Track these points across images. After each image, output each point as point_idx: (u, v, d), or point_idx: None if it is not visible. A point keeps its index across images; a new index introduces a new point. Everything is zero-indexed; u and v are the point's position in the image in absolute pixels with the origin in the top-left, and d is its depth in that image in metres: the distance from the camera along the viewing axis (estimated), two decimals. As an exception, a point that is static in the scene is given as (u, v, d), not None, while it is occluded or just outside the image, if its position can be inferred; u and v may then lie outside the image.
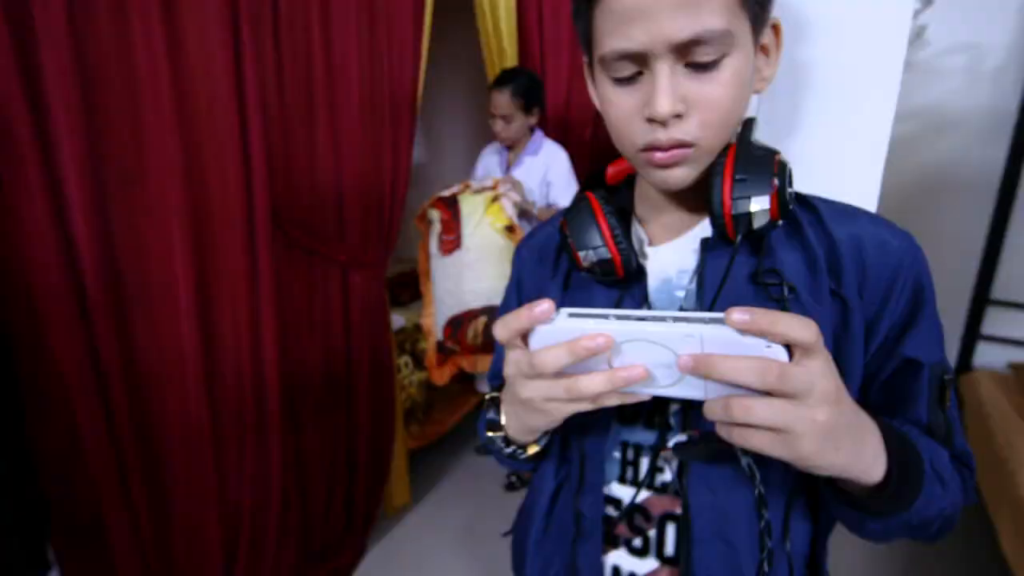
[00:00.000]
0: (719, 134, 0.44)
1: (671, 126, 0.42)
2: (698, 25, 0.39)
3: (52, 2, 0.90)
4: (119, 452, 1.13)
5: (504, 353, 0.56)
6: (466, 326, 1.76)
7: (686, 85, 0.42)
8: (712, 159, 0.45)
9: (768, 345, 0.33)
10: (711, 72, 0.41)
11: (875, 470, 0.38)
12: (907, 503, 0.39)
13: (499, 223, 1.63)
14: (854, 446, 0.37)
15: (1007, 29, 1.86)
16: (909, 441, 0.41)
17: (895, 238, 0.46)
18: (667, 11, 0.39)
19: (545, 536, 0.54)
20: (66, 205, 0.98)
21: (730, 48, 0.41)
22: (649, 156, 0.45)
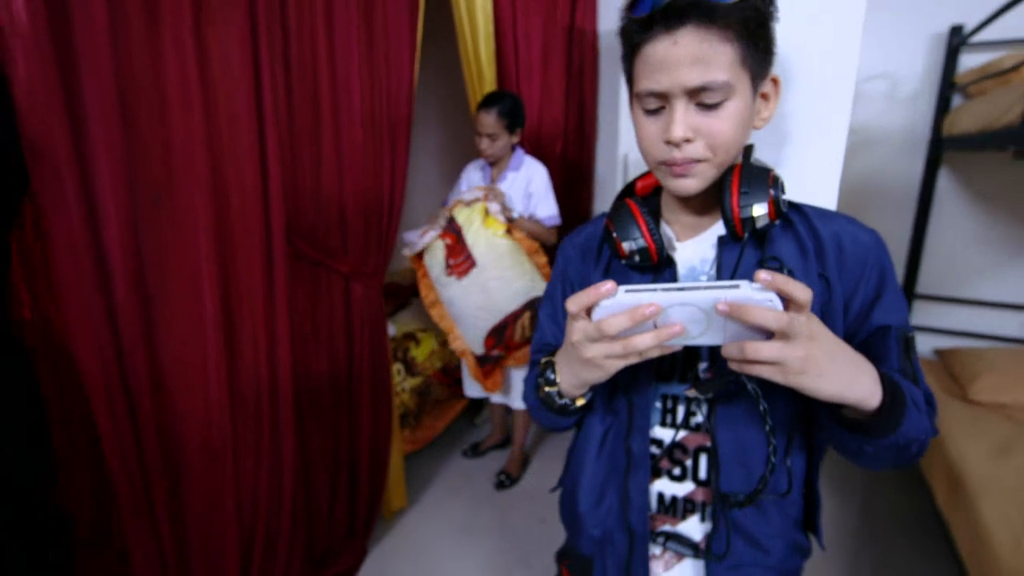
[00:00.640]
0: (720, 156, 0.57)
1: (683, 148, 0.56)
2: (706, 77, 0.53)
3: (95, 28, 0.97)
4: (142, 460, 1.17)
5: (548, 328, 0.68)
6: (511, 328, 1.87)
7: (695, 118, 0.55)
8: (717, 175, 0.59)
9: (771, 300, 0.46)
10: (715, 110, 0.55)
11: (873, 398, 0.51)
12: (896, 425, 0.52)
13: (499, 230, 1.76)
14: (846, 377, 0.50)
15: (919, 61, 2.16)
16: (894, 379, 0.54)
17: (865, 234, 0.61)
18: (685, 65, 0.53)
19: (597, 465, 0.66)
20: (100, 219, 1.04)
21: (731, 94, 0.55)
22: (668, 169, 0.58)
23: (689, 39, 0.52)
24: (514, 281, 1.83)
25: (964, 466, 1.48)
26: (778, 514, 0.61)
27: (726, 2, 0.51)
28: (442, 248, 1.83)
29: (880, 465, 0.57)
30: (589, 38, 2.65)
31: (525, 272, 1.83)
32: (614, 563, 0.66)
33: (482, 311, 1.86)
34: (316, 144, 1.42)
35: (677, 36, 0.53)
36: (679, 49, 0.53)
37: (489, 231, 1.78)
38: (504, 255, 1.81)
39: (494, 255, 1.81)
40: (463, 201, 1.82)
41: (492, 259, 1.81)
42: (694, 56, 0.52)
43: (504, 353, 1.93)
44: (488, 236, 1.79)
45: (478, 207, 1.80)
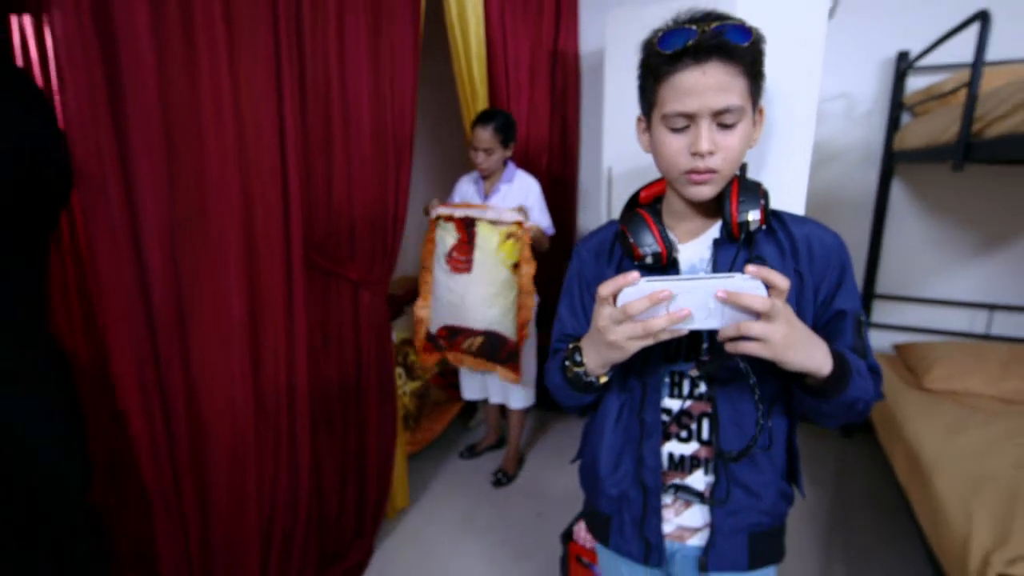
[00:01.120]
0: (731, 167, 0.70)
1: (707, 159, 0.68)
2: (728, 102, 0.65)
3: (142, 61, 1.06)
4: (174, 463, 1.24)
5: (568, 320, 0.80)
6: (463, 338, 1.99)
7: (716, 136, 0.68)
8: (723, 186, 0.72)
9: (758, 288, 0.59)
10: (731, 129, 0.68)
11: (825, 367, 0.64)
12: (844, 388, 0.65)
13: (511, 260, 1.88)
14: (808, 352, 0.62)
15: (872, 83, 2.38)
16: (843, 353, 0.68)
17: (830, 237, 0.75)
18: (711, 92, 0.65)
19: (614, 435, 0.78)
20: (142, 236, 1.12)
21: (742, 117, 0.68)
22: (689, 177, 0.70)
23: (715, 71, 0.65)
24: (491, 308, 1.95)
25: (920, 445, 1.65)
26: (767, 467, 0.74)
27: (743, 44, 0.65)
28: (454, 238, 1.94)
29: (836, 422, 0.71)
30: (571, 60, 2.81)
31: (502, 306, 1.95)
32: (630, 517, 0.77)
33: (450, 307, 2.00)
34: (328, 160, 1.52)
35: (705, 68, 0.65)
36: (707, 78, 0.65)
37: (500, 255, 1.89)
38: (501, 285, 1.93)
39: (489, 277, 1.93)
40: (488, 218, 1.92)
41: (487, 279, 1.93)
42: (719, 84, 0.65)
43: (447, 347, 2.06)
44: (496, 260, 1.90)
45: (502, 229, 1.90)
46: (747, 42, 0.63)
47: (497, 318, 1.96)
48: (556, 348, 0.84)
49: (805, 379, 0.66)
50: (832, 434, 2.64)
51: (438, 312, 2.04)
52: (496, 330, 1.95)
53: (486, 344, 1.96)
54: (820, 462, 2.38)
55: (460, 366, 2.13)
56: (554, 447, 2.54)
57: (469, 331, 1.97)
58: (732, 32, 0.64)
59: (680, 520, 0.77)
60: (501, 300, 1.95)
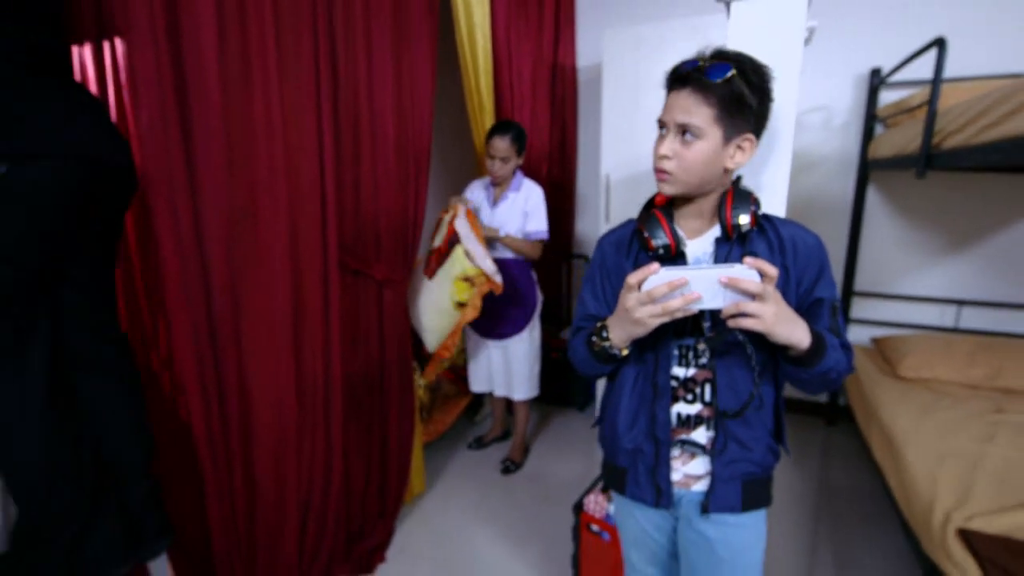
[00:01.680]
0: (685, 175, 0.84)
1: (662, 162, 0.84)
2: (688, 120, 0.81)
3: (208, 86, 1.20)
4: (227, 445, 1.37)
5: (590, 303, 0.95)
6: None
7: (676, 145, 0.84)
8: (682, 190, 0.86)
9: (754, 275, 0.74)
10: (690, 144, 0.83)
11: (805, 341, 0.79)
12: (820, 358, 0.80)
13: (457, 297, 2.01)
14: (792, 327, 0.78)
15: (848, 97, 2.57)
16: (819, 331, 0.83)
17: (811, 237, 0.90)
18: (679, 110, 0.82)
19: (631, 399, 0.93)
20: (204, 239, 1.26)
21: (701, 137, 0.83)
22: (655, 173, 0.87)
23: (687, 96, 0.82)
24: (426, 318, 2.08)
25: (894, 426, 1.82)
26: (758, 425, 0.89)
27: (714, 81, 0.80)
28: (439, 241, 2.07)
29: (814, 388, 0.86)
30: (569, 73, 2.98)
31: (436, 324, 2.07)
32: (644, 467, 0.92)
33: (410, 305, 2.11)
34: (356, 170, 1.66)
35: (682, 92, 0.82)
36: (679, 100, 0.82)
37: (452, 289, 2.02)
38: (440, 306, 2.05)
39: (436, 298, 2.05)
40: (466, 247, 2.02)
41: (434, 297, 2.06)
42: (686, 106, 0.82)
43: None
44: (446, 290, 2.03)
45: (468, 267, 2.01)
46: (717, 79, 0.79)
47: (426, 327, 2.09)
48: (579, 326, 0.99)
49: (789, 351, 0.82)
50: (818, 423, 2.82)
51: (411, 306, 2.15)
52: (423, 335, 2.10)
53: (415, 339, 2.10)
54: (807, 449, 2.56)
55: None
56: (556, 438, 2.68)
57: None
58: (710, 70, 0.80)
59: (686, 469, 0.92)
60: (436, 319, 2.07)
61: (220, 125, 1.23)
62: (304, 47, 1.40)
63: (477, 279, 2.02)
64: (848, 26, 2.48)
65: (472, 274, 2.02)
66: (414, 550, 1.90)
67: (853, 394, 2.37)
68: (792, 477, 2.30)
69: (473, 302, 2.03)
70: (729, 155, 0.86)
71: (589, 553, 1.53)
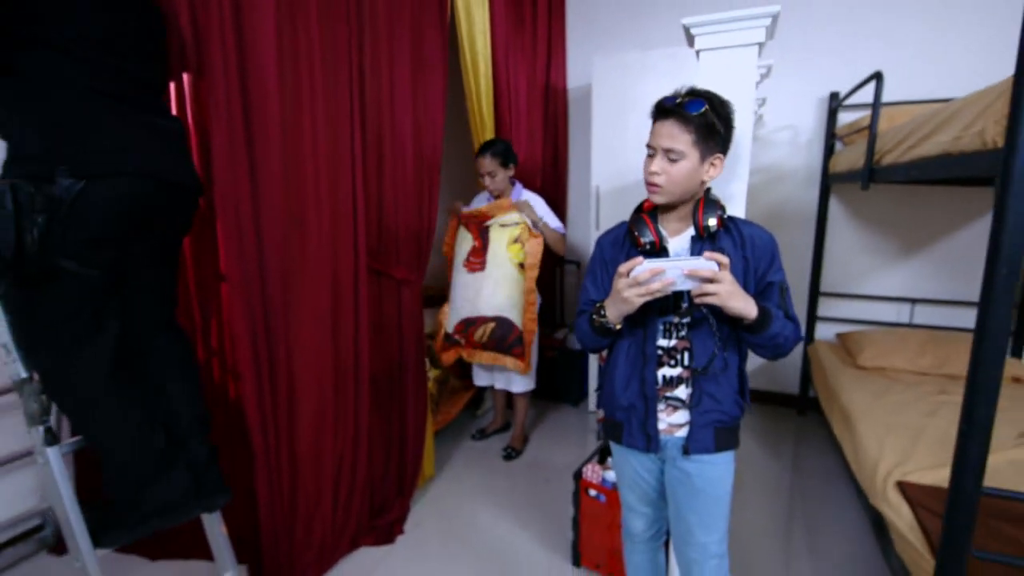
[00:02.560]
0: (672, 187, 1.07)
1: (654, 177, 1.08)
2: (672, 145, 1.05)
3: (269, 112, 1.43)
4: (275, 420, 1.58)
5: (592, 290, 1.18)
6: (477, 327, 2.35)
7: (664, 164, 1.08)
8: (670, 199, 1.10)
9: (712, 265, 0.99)
10: (675, 163, 1.07)
11: (753, 312, 1.02)
12: (767, 326, 1.04)
13: (516, 260, 2.27)
14: (741, 301, 1.01)
15: (812, 116, 2.87)
16: (766, 306, 1.07)
17: (766, 235, 1.14)
18: (664, 137, 1.06)
19: (625, 365, 1.15)
20: (263, 241, 1.47)
21: (683, 158, 1.07)
22: (647, 186, 1.11)
23: (670, 126, 1.06)
24: (501, 297, 2.33)
25: (851, 406, 2.08)
26: (725, 384, 1.12)
27: (692, 114, 1.05)
28: (470, 243, 2.33)
29: (770, 352, 1.09)
30: (560, 93, 3.25)
31: (509, 297, 2.33)
32: (636, 420, 1.15)
33: (465, 303, 2.38)
34: (380, 183, 1.89)
35: (665, 123, 1.06)
36: (664, 128, 1.06)
37: (508, 255, 2.29)
38: (507, 279, 2.32)
39: (500, 274, 2.32)
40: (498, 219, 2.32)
41: (496, 276, 2.32)
42: (670, 134, 1.06)
43: (462, 342, 2.42)
44: (505, 258, 2.30)
45: (510, 232, 2.29)
46: (695, 112, 1.04)
47: (506, 305, 2.33)
48: (583, 309, 1.22)
49: (743, 321, 1.06)
50: (790, 413, 3.08)
51: (456, 310, 2.41)
52: (505, 316, 2.33)
53: (497, 329, 2.33)
54: (780, 437, 2.81)
55: (473, 362, 2.49)
56: (553, 430, 2.91)
57: (482, 319, 2.34)
58: (689, 104, 1.04)
59: (670, 419, 1.15)
60: (508, 290, 2.33)
61: (278, 146, 1.46)
62: (341, 79, 1.63)
63: (522, 236, 2.30)
64: (811, 55, 2.79)
65: (518, 233, 2.30)
66: (428, 524, 2.10)
67: (818, 383, 2.63)
68: (768, 461, 2.55)
69: (529, 261, 2.31)
70: (704, 171, 1.10)
71: (587, 515, 1.75)
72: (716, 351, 1.09)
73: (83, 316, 1.20)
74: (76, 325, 1.20)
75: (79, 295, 1.19)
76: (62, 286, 1.16)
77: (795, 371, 3.12)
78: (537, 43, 3.05)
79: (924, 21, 2.60)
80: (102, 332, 1.24)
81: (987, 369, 0.98)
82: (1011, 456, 1.66)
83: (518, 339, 2.34)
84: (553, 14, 3.16)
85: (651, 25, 3.09)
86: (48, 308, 1.18)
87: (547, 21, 3.11)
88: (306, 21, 1.51)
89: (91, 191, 1.13)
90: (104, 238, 1.18)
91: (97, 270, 1.20)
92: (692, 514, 1.15)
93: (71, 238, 1.13)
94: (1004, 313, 0.96)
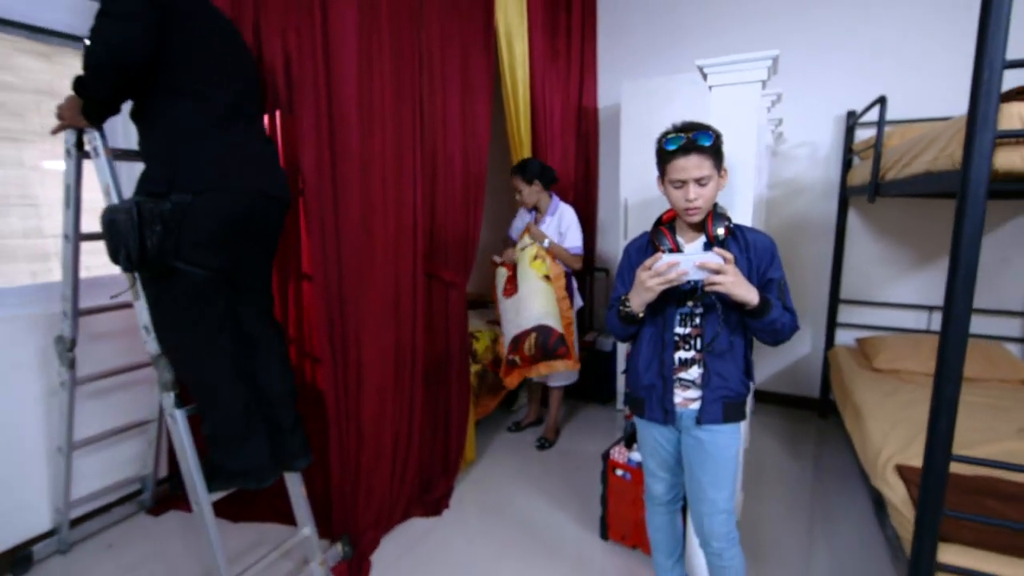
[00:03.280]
0: (707, 204, 1.30)
1: (694, 202, 1.31)
2: (701, 173, 1.27)
3: (350, 137, 1.72)
4: (346, 397, 1.85)
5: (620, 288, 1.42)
6: (523, 341, 2.60)
7: (697, 190, 1.30)
8: (704, 215, 1.33)
9: (720, 258, 1.20)
10: (705, 186, 1.29)
11: (754, 299, 1.22)
12: (766, 312, 1.24)
13: (541, 273, 2.54)
14: (744, 290, 1.22)
15: (830, 132, 3.04)
16: (767, 296, 1.28)
17: (767, 239, 1.35)
18: (693, 168, 1.27)
19: (647, 350, 1.38)
20: (342, 244, 1.76)
21: (711, 180, 1.29)
22: (686, 211, 1.32)
23: (694, 158, 1.27)
24: (534, 308, 2.57)
25: (862, 403, 2.24)
26: (731, 364, 1.33)
27: (707, 144, 1.27)
28: (505, 275, 2.60)
29: (769, 336, 1.30)
30: (592, 114, 3.50)
31: (543, 306, 2.57)
32: (656, 397, 1.37)
33: (511, 324, 2.63)
34: (432, 196, 2.17)
35: (689, 157, 1.28)
36: (690, 162, 1.27)
37: (532, 271, 2.55)
38: (535, 291, 2.57)
39: (529, 289, 2.58)
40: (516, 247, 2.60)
41: (526, 292, 2.58)
42: (696, 165, 1.28)
43: (518, 360, 2.64)
44: (531, 275, 2.57)
45: (528, 252, 2.57)
46: (710, 143, 1.27)
47: (541, 314, 2.57)
48: (612, 304, 1.45)
49: (746, 307, 1.27)
50: (812, 416, 3.22)
51: (507, 335, 2.67)
52: (543, 323, 2.57)
53: (539, 338, 2.56)
54: (801, 438, 2.96)
55: (532, 376, 2.70)
56: (584, 425, 3.12)
57: (524, 333, 2.58)
58: (702, 137, 1.27)
59: (684, 395, 1.36)
60: (541, 300, 2.57)
61: (356, 167, 1.75)
62: (405, 109, 1.92)
63: (540, 253, 2.59)
64: (829, 76, 2.97)
65: (535, 251, 2.60)
66: (470, 502, 2.34)
67: (836, 384, 2.78)
68: (790, 460, 2.71)
69: (552, 271, 2.59)
70: (719, 185, 1.33)
71: (614, 491, 1.96)
72: (719, 330, 1.30)
73: (195, 306, 1.48)
74: (190, 312, 1.47)
75: (191, 289, 1.46)
76: (178, 281, 1.44)
77: (816, 376, 3.26)
78: (571, 68, 3.32)
79: (936, 41, 2.75)
80: (210, 318, 1.51)
81: (952, 354, 1.18)
82: (1007, 447, 1.81)
83: (559, 340, 2.57)
84: (586, 42, 3.43)
85: (675, 51, 3.32)
86: (168, 298, 1.46)
87: (580, 48, 3.37)
88: (380, 63, 1.80)
89: (198, 205, 1.40)
90: (208, 243, 1.44)
91: (203, 269, 1.46)
92: (704, 475, 1.37)
93: (181, 243, 1.40)
94: (965, 304, 1.15)
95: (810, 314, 3.21)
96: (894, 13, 2.82)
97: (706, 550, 1.41)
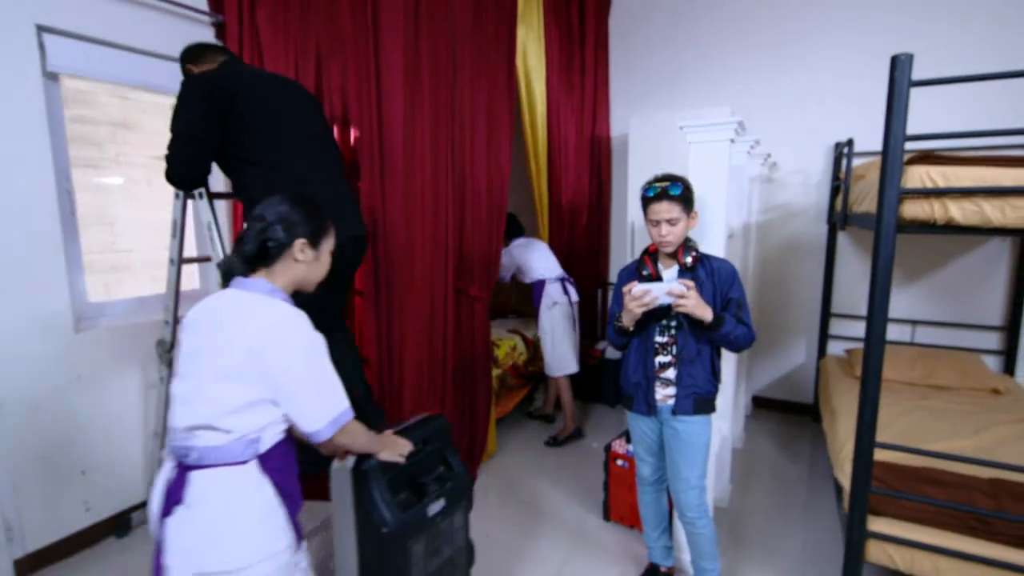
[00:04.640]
0: (676, 239, 1.63)
1: (665, 237, 1.64)
2: (671, 215, 1.61)
3: (395, 158, 2.10)
4: (390, 399, 2.22)
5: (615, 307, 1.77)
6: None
7: (668, 228, 1.63)
8: (676, 247, 1.67)
9: (685, 286, 1.54)
10: (675, 226, 1.63)
11: (709, 317, 1.55)
12: (719, 327, 1.56)
13: None
14: (703, 311, 1.54)
15: (820, 160, 3.33)
16: (721, 314, 1.60)
17: (729, 266, 1.68)
18: (664, 212, 1.61)
19: (635, 356, 1.71)
20: (390, 253, 2.14)
21: (680, 221, 1.62)
22: (660, 243, 1.67)
23: (666, 204, 1.61)
24: None
25: (838, 406, 2.52)
26: (700, 368, 1.65)
27: (677, 194, 1.61)
28: None
29: (728, 346, 1.63)
30: (604, 142, 3.86)
31: None
32: (641, 393, 1.71)
33: None
34: (461, 218, 2.54)
35: (662, 203, 1.62)
36: (663, 207, 1.62)
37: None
38: None
39: None
40: None
41: None
42: (667, 209, 1.62)
43: None
44: None
45: None
46: (679, 192, 1.60)
47: None
48: (610, 320, 1.79)
49: (704, 324, 1.60)
50: (806, 421, 3.49)
51: None
52: None
53: None
54: (794, 441, 3.23)
55: None
56: (594, 424, 3.45)
57: None
58: (672, 187, 1.61)
59: (664, 392, 1.69)
60: None
61: (401, 200, 2.13)
62: (442, 147, 2.30)
63: None
64: (820, 107, 3.27)
65: None
66: (492, 487, 2.69)
67: (822, 391, 3.06)
68: (782, 460, 2.99)
69: None
70: (688, 225, 1.67)
71: (615, 478, 2.29)
72: (687, 341, 1.64)
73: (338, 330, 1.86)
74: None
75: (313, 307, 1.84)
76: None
77: (810, 383, 3.53)
78: (584, 101, 3.68)
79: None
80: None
81: (873, 357, 1.49)
82: (960, 444, 2.08)
83: None
84: (599, 75, 3.78)
85: (679, 88, 3.66)
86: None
87: (593, 82, 3.73)
88: (421, 115, 2.18)
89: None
90: None
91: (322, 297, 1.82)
92: (680, 457, 1.70)
93: None
94: (881, 318, 1.47)
95: (804, 326, 3.49)
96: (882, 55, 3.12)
97: (682, 520, 1.74)
